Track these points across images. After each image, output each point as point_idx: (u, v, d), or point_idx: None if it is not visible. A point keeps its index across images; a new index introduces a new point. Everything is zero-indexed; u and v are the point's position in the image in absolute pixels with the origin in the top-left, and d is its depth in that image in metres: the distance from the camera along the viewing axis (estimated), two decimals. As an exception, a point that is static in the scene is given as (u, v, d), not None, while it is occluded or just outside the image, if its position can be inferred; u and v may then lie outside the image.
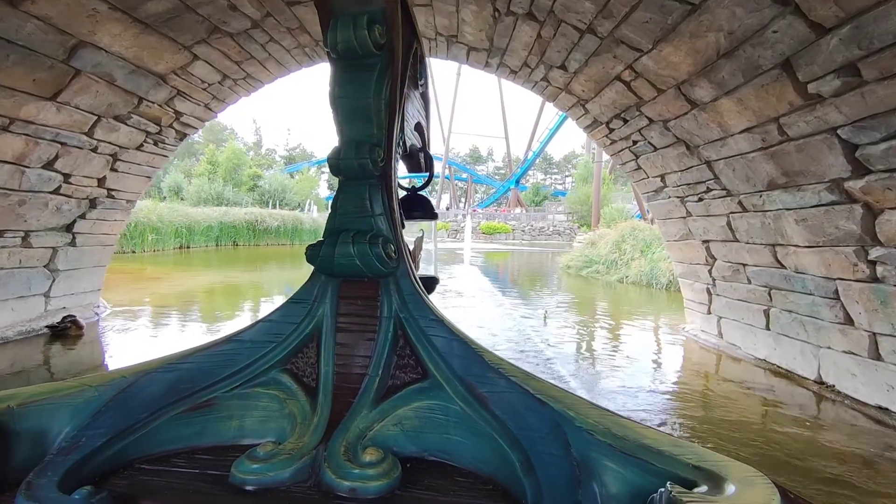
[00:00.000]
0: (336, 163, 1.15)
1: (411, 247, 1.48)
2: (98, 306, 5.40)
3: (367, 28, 1.05)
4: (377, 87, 1.12)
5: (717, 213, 4.34)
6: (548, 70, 4.53)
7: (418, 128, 1.55)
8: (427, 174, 1.74)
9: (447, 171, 55.12)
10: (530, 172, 61.35)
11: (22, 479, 0.80)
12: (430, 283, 1.50)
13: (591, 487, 0.78)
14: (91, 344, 4.52)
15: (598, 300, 8.65)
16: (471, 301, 7.77)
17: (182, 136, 5.18)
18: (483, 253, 21.81)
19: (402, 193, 1.55)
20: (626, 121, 4.53)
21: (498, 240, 36.25)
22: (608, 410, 0.89)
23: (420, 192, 1.67)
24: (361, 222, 1.14)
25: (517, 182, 47.45)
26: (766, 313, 4.26)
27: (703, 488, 0.67)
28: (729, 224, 4.26)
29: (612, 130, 4.87)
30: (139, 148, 4.75)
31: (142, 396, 0.99)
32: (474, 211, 44.11)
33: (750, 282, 4.35)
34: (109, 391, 0.97)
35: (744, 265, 4.36)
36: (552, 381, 1.02)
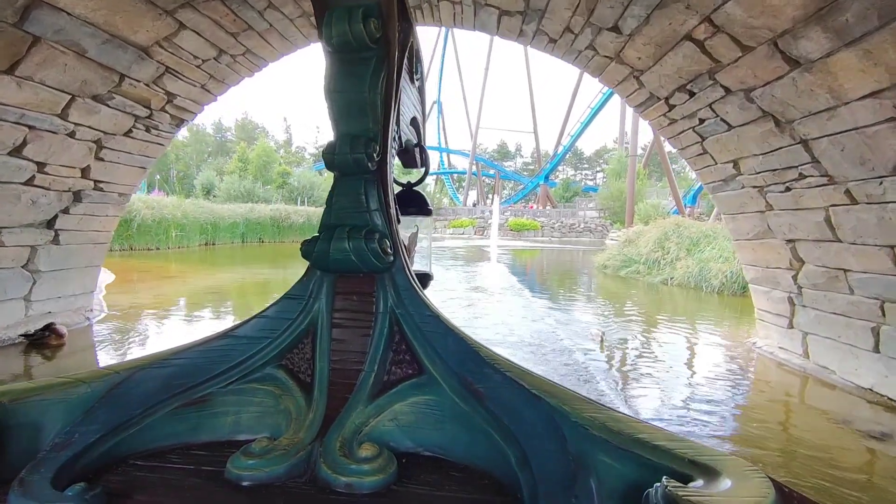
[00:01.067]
0: (331, 158, 1.12)
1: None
2: (91, 310, 4.94)
3: (363, 21, 1.03)
4: (372, 81, 1.10)
5: (812, 206, 3.49)
6: (595, 34, 3.76)
7: (414, 122, 1.52)
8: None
9: (474, 168, 54.32)
10: (560, 168, 59.95)
11: (14, 475, 0.78)
12: (425, 279, 1.45)
13: (587, 482, 0.76)
14: (72, 355, 4.02)
15: (642, 304, 7.78)
16: (497, 302, 7.05)
17: (179, 122, 4.64)
18: (511, 251, 20.98)
19: (397, 189, 1.50)
20: (692, 94, 3.72)
21: (526, 237, 35.36)
22: (603, 405, 0.87)
23: (415, 189, 1.62)
24: (357, 217, 1.13)
25: (546, 178, 46.29)
26: (876, 332, 3.39)
27: (699, 483, 0.65)
28: (828, 219, 3.41)
29: (672, 107, 4.07)
30: (128, 134, 4.22)
31: (136, 392, 0.98)
32: (511, 206, 43.20)
33: (853, 292, 3.48)
34: (102, 387, 0.96)
35: (845, 271, 3.49)
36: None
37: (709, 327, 6.25)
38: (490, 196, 58.39)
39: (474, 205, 50.54)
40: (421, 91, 1.58)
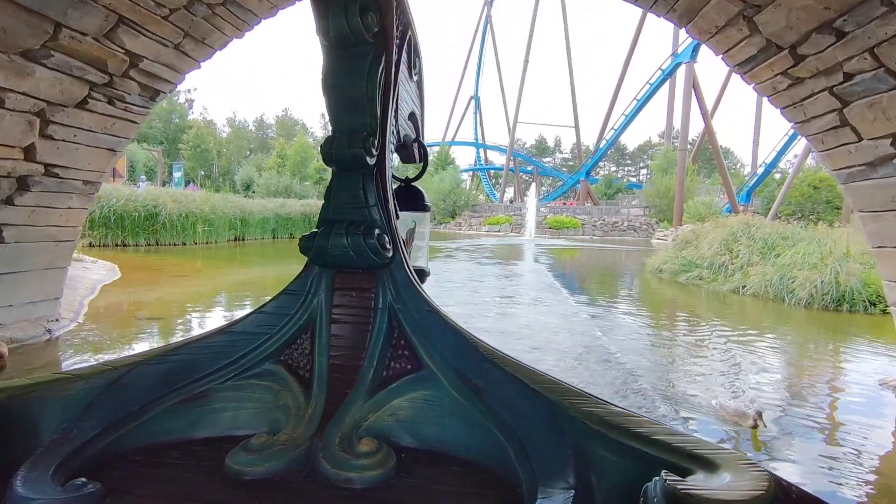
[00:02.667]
0: (329, 152, 1.11)
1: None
2: (56, 320, 4.19)
3: (360, 15, 1.02)
4: (370, 76, 1.09)
5: None
6: (695, -46, 2.63)
7: (412, 117, 1.50)
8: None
9: (512, 163, 52.94)
10: (600, 164, 57.77)
11: (14, 471, 0.78)
12: (421, 275, 1.42)
13: (586, 476, 0.76)
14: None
15: (715, 318, 6.49)
16: (533, 304, 5.96)
17: (153, 94, 3.79)
18: (550, 249, 19.68)
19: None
20: (843, 34, 2.53)
21: (566, 235, 33.91)
22: (602, 400, 0.86)
23: (413, 184, 1.58)
24: (355, 213, 1.12)
25: (588, 173, 44.42)
26: None
27: (698, 476, 0.65)
28: None
29: (800, 60, 2.88)
30: (83, 106, 3.40)
31: (134, 388, 0.97)
32: (550, 204, 41.74)
33: None
34: (101, 383, 0.96)
35: None
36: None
37: (808, 354, 4.96)
38: (527, 193, 56.88)
39: (511, 201, 49.27)
40: (419, 85, 1.53)
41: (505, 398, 0.92)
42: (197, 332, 4.71)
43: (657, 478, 0.61)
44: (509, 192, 56.28)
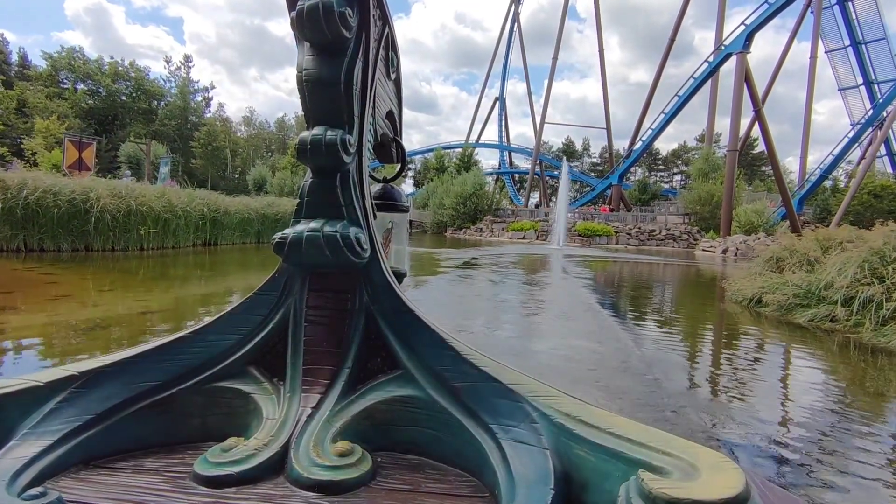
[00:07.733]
0: (304, 151, 1.08)
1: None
2: None
3: (337, 11, 1.01)
4: (347, 73, 1.08)
5: None
6: None
7: (390, 116, 1.50)
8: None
9: (538, 167, 49.66)
10: (630, 170, 54.11)
11: None
12: (398, 276, 1.40)
13: (564, 476, 0.77)
14: None
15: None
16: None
17: None
18: (584, 262, 16.30)
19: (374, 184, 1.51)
20: None
21: (598, 244, 30.37)
22: (580, 399, 0.86)
23: (391, 184, 1.61)
24: (331, 213, 1.10)
25: (621, 178, 40.72)
26: None
27: (673, 475, 0.66)
28: None
29: None
30: None
31: (98, 394, 0.94)
32: (578, 210, 38.30)
33: None
34: (61, 388, 0.92)
35: None
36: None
37: None
38: (554, 198, 53.43)
39: (537, 206, 45.94)
40: (397, 84, 1.51)
41: (482, 398, 0.91)
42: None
43: (634, 477, 0.62)
44: (535, 197, 52.98)
